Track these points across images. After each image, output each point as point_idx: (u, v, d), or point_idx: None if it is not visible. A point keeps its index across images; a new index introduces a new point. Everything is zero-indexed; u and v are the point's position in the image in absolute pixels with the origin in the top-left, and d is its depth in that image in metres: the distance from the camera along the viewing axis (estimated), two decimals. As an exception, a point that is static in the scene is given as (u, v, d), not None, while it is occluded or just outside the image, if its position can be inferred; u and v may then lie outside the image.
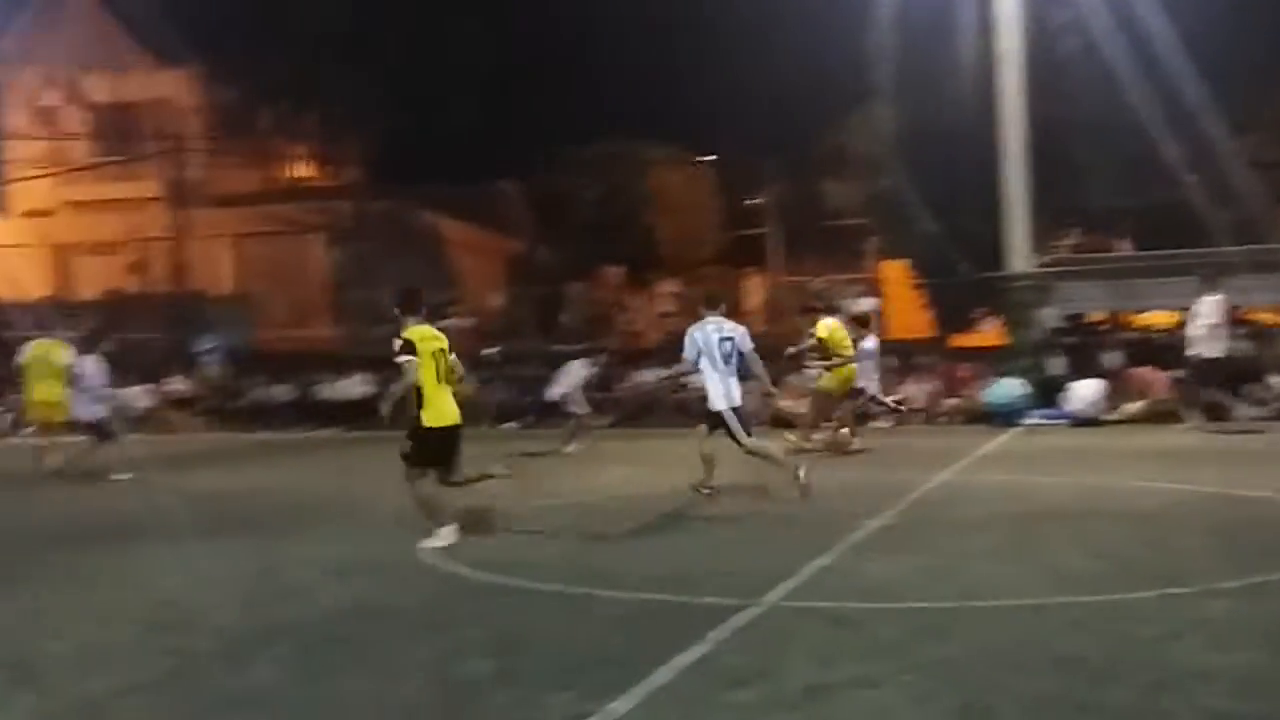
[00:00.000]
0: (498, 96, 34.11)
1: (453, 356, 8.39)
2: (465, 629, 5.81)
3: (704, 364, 10.17)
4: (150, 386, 23.87)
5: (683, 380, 16.70)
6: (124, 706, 4.66)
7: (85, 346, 15.05)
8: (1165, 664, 4.91)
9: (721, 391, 10.10)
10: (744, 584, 6.49)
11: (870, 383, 15.44)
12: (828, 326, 14.36)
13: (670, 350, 22.36)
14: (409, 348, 8.05)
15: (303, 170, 41.30)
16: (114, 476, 13.85)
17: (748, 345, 10.33)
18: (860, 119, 27.90)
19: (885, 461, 13.50)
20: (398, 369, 8.07)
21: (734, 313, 16.46)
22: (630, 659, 5.07)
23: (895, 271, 24.94)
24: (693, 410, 19.57)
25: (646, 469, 13.62)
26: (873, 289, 24.01)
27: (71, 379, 14.63)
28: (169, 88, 36.84)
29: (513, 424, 21.47)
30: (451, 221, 36.58)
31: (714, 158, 39.48)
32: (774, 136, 34.81)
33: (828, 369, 14.31)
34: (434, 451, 8.25)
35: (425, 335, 8.20)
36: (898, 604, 6.09)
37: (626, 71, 34.24)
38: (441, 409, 8.21)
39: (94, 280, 34.57)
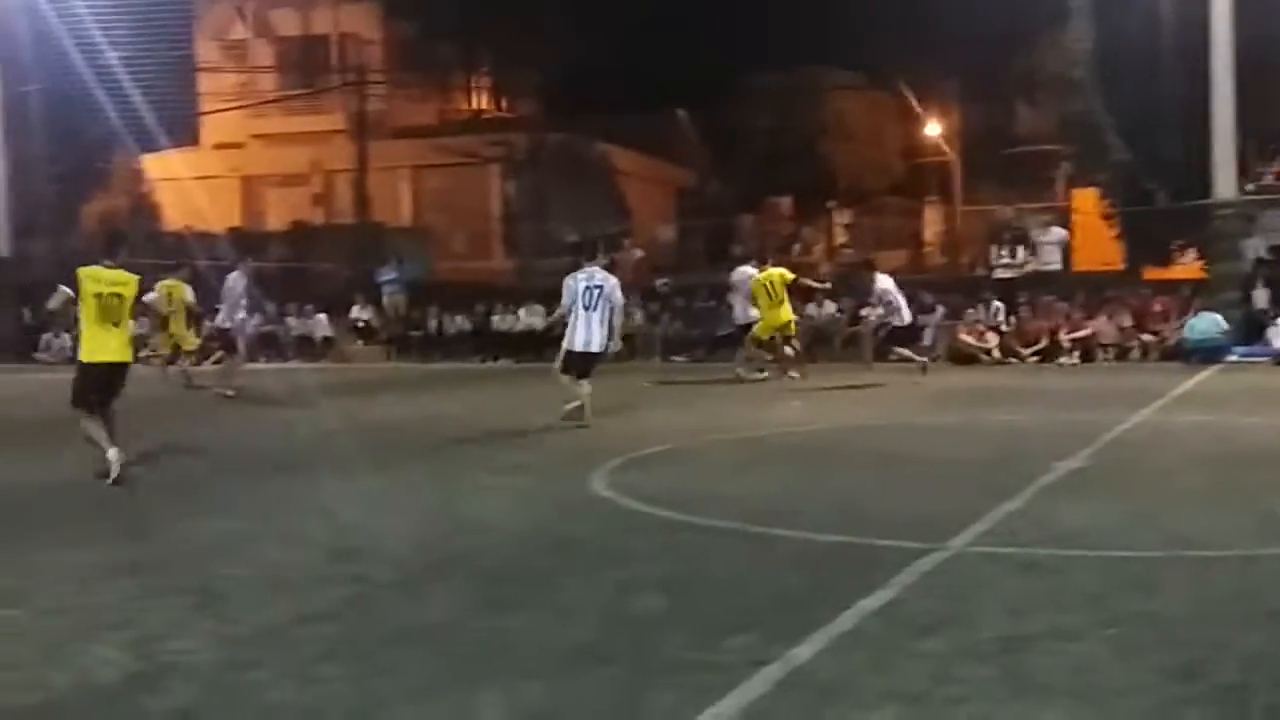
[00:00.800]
0: (674, 25, 33.67)
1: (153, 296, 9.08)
2: (640, 565, 5.70)
3: (575, 308, 11.21)
4: (332, 316, 24.57)
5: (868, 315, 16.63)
6: (303, 635, 4.68)
7: (233, 265, 16.86)
8: (1398, 623, 4.50)
9: (581, 336, 11.15)
10: (928, 527, 6.21)
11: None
12: (769, 275, 16.11)
13: (845, 283, 22.00)
14: (71, 283, 8.61)
15: (480, 102, 41.70)
16: (218, 390, 15.28)
17: (616, 297, 11.33)
18: (1053, 39, 26.62)
19: (1075, 401, 12.94)
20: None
21: (911, 244, 16.12)
22: (812, 603, 4.88)
23: (1086, 200, 23.82)
24: (864, 345, 19.22)
25: (819, 404, 13.36)
26: (1062, 219, 23.01)
27: (194, 311, 17.01)
28: (353, 21, 37.56)
29: (681, 357, 21.37)
30: (625, 152, 36.51)
31: (895, 83, 38.27)
32: (960, 59, 33.47)
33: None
34: (89, 385, 8.61)
35: (96, 276, 8.56)
36: (1096, 552, 5.74)
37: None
38: (96, 346, 8.57)
39: (281, 211, 35.68)
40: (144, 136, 30.44)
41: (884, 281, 16.27)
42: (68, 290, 8.62)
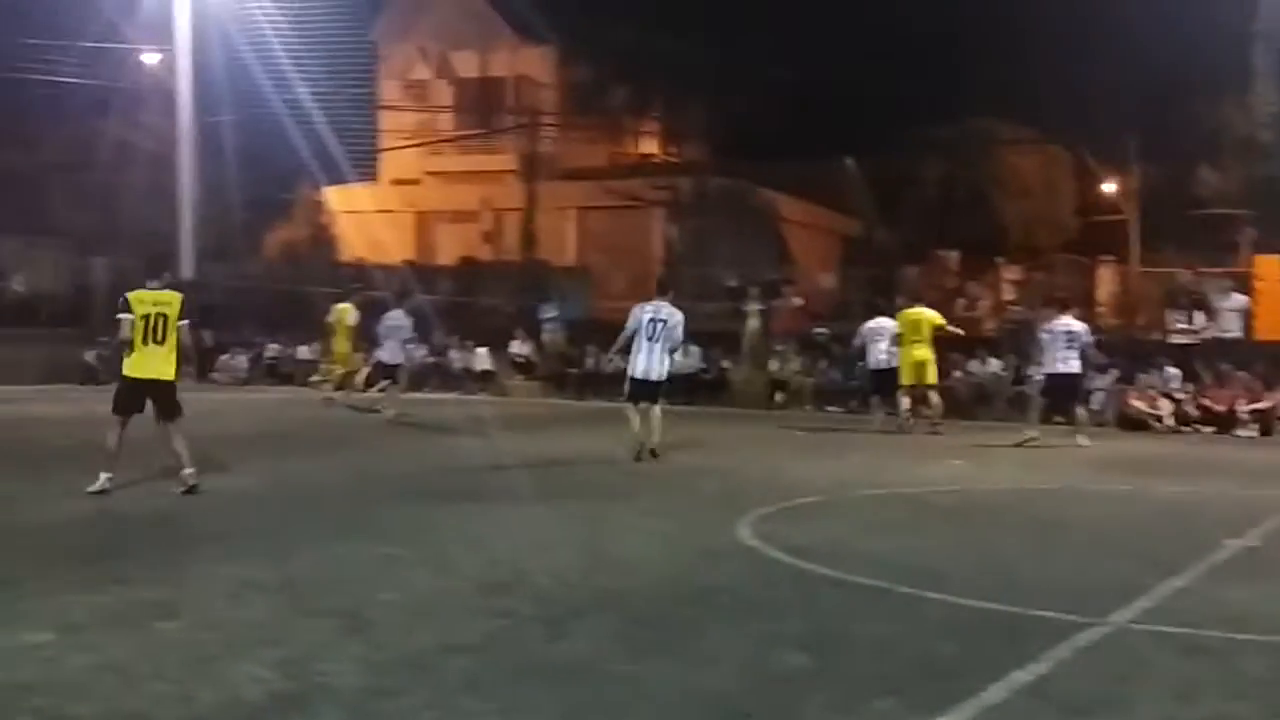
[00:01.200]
0: (844, 72, 33.49)
1: (184, 322, 9.14)
2: (783, 619, 5.61)
3: (638, 338, 12.07)
4: (494, 350, 25.00)
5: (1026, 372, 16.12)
6: (446, 666, 4.73)
7: (398, 302, 18.22)
8: None
9: (642, 365, 12.05)
10: (1087, 599, 5.96)
11: None
12: (916, 314, 16.29)
13: (1011, 341, 21.45)
14: (126, 306, 9.03)
15: (648, 146, 42.15)
16: (384, 412, 16.54)
17: (677, 335, 12.29)
18: (1239, 99, 25.64)
19: (1251, 476, 12.32)
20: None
21: (1083, 304, 15.60)
22: (959, 671, 4.72)
23: (1270, 267, 22.76)
24: (1027, 404, 18.71)
25: (979, 463, 13.01)
26: (1243, 285, 22.02)
27: (355, 334, 18.06)
28: (528, 65, 38.44)
29: (836, 407, 21.06)
30: (789, 199, 36.43)
31: (1071, 139, 37.34)
32: (1140, 117, 32.48)
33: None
34: (126, 398, 9.06)
35: (141, 298, 9.05)
36: (1268, 636, 5.43)
37: (981, 47, 32.75)
38: (140, 363, 9.01)
39: (452, 247, 36.54)
40: (327, 169, 31.68)
41: (1055, 323, 15.19)
42: (130, 317, 9.02)
